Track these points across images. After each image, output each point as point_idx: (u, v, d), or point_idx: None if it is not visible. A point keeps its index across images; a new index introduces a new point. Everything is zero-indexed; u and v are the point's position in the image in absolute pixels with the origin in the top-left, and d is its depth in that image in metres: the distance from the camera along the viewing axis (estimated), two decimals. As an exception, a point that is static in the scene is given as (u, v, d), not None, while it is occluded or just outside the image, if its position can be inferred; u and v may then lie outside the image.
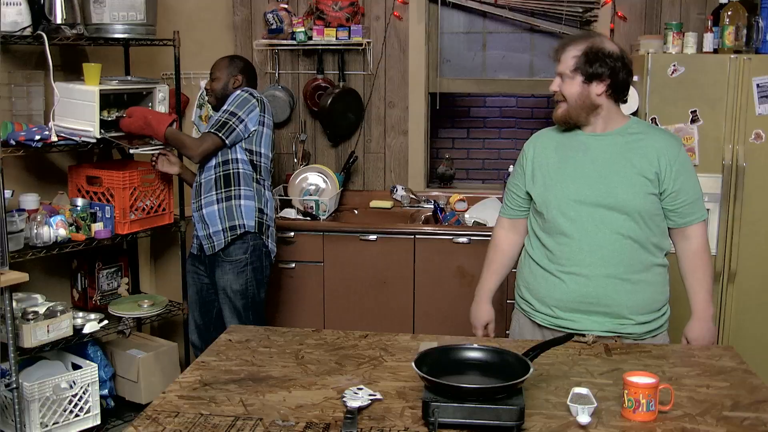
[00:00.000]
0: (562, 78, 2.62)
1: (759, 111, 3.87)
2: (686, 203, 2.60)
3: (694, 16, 4.54)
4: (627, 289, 2.58)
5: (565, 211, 2.62)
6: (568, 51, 2.60)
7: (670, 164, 2.56)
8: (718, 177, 3.92)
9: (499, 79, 5.04)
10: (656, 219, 2.60)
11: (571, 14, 4.67)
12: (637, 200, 2.55)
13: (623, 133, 2.62)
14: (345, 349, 2.49)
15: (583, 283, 2.59)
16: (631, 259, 2.58)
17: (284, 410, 2.04)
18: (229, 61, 3.78)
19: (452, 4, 4.80)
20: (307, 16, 4.77)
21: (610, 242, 2.57)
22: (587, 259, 2.59)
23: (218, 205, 3.59)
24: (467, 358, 2.12)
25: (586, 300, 2.60)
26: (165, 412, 2.03)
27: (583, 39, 2.61)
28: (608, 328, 2.61)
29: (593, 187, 2.59)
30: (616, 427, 1.94)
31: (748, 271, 3.98)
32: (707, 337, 2.67)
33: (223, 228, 3.59)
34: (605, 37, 2.67)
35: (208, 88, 3.77)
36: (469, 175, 5.54)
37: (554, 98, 2.68)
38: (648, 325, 2.63)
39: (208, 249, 3.63)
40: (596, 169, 2.60)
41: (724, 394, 2.15)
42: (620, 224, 2.57)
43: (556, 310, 2.65)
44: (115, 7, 3.67)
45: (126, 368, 4.06)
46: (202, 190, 3.63)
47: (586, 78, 2.57)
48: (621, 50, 2.62)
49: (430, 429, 1.88)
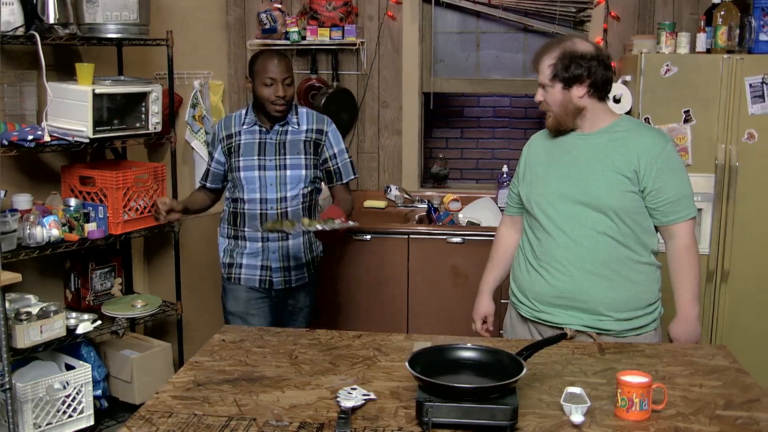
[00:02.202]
0: (544, 88, 2.63)
1: (752, 111, 3.88)
2: (668, 201, 2.59)
3: (687, 16, 4.56)
4: (604, 286, 2.59)
5: (545, 208, 2.66)
6: (543, 61, 2.61)
7: (650, 162, 2.55)
8: (711, 176, 3.93)
9: (493, 79, 5.05)
10: (637, 217, 2.60)
11: (565, 14, 4.68)
12: (612, 198, 2.56)
13: (608, 131, 2.63)
14: (339, 349, 2.49)
15: (560, 278, 2.62)
16: (608, 256, 2.59)
17: (278, 410, 2.03)
18: (289, 61, 3.35)
19: (446, 4, 4.80)
20: (301, 16, 4.77)
21: (586, 239, 2.59)
22: (564, 254, 2.61)
23: (303, 237, 3.41)
24: (461, 358, 2.12)
25: (563, 295, 2.62)
26: (158, 413, 2.03)
27: (555, 46, 2.61)
28: (586, 323, 2.62)
29: (572, 185, 2.61)
30: (609, 426, 1.95)
31: (741, 270, 4.00)
32: (690, 337, 2.67)
33: (306, 261, 3.44)
34: (578, 38, 2.64)
35: (282, 95, 3.23)
36: (462, 174, 5.55)
37: (540, 108, 2.70)
38: (629, 323, 2.63)
39: (281, 283, 3.41)
40: (577, 168, 2.62)
41: (717, 393, 2.15)
42: (597, 221, 2.58)
43: (536, 304, 2.69)
44: (108, 6, 3.66)
45: (119, 369, 4.05)
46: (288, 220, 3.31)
47: (565, 84, 2.57)
48: (596, 48, 2.61)
49: (424, 429, 1.89)
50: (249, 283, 3.40)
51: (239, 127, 3.36)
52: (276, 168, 3.30)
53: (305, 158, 3.33)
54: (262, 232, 3.27)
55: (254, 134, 3.34)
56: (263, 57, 3.29)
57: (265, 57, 3.28)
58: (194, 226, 4.51)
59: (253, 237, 3.37)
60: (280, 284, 3.40)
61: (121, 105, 3.73)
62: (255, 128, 3.34)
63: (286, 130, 3.33)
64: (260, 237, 3.35)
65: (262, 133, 3.33)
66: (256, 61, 3.30)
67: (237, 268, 3.41)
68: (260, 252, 3.37)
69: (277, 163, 3.30)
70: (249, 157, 3.31)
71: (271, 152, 3.31)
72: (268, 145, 3.31)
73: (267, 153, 3.31)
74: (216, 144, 3.43)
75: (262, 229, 3.24)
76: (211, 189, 3.53)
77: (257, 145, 3.32)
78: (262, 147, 3.32)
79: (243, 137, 3.34)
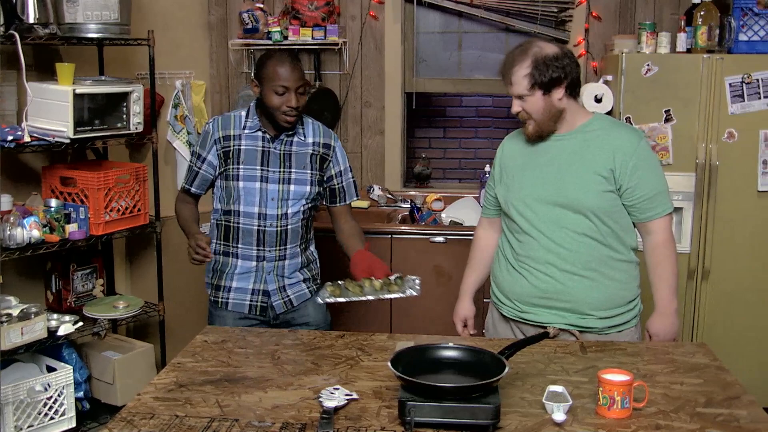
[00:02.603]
0: (521, 98, 2.58)
1: (731, 110, 3.91)
2: (645, 198, 2.60)
3: (667, 16, 4.58)
4: (586, 285, 2.61)
5: (522, 211, 2.66)
6: (516, 72, 2.55)
7: (625, 160, 2.56)
8: (692, 175, 3.96)
9: (475, 78, 5.06)
10: (615, 216, 2.62)
11: (546, 14, 4.70)
12: (590, 199, 2.57)
13: (583, 131, 2.64)
14: (321, 349, 2.49)
15: (542, 279, 2.63)
16: (589, 255, 2.60)
17: (260, 411, 2.03)
18: (302, 66, 3.03)
19: (428, 3, 4.81)
20: (283, 16, 4.76)
21: (566, 240, 2.60)
22: (545, 257, 2.62)
23: (301, 257, 3.14)
24: (443, 358, 2.13)
25: (545, 296, 2.63)
26: (140, 414, 2.02)
27: (524, 54, 2.55)
28: (569, 322, 2.64)
29: (548, 186, 2.61)
30: (590, 424, 1.95)
31: (721, 268, 4.02)
32: (669, 332, 2.69)
33: (305, 278, 3.16)
34: (541, 42, 2.61)
35: (295, 105, 2.91)
36: (445, 174, 5.55)
37: (519, 117, 2.64)
38: (611, 320, 2.65)
39: (282, 306, 3.10)
40: (553, 169, 2.62)
41: (698, 391, 2.17)
42: (576, 222, 2.59)
43: (518, 304, 2.70)
44: (88, 6, 3.64)
45: (101, 370, 4.03)
46: (287, 238, 3.06)
47: (545, 89, 2.55)
48: (560, 47, 2.60)
49: (407, 428, 1.89)
50: (237, 308, 3.07)
51: (239, 130, 3.02)
52: (279, 181, 3.00)
53: (311, 173, 3.05)
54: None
55: (256, 141, 3.01)
56: (274, 61, 2.92)
57: (276, 61, 2.92)
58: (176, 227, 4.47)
59: (246, 255, 3.04)
60: (281, 307, 3.08)
61: (102, 105, 3.71)
62: (258, 134, 3.01)
63: (291, 141, 3.03)
64: (255, 256, 3.03)
65: (266, 141, 3.01)
66: (266, 64, 2.94)
67: (225, 291, 3.08)
68: (253, 272, 3.05)
69: (281, 176, 3.00)
70: (250, 166, 2.99)
71: (275, 163, 3.00)
72: (272, 156, 3.00)
73: (270, 164, 3.00)
74: (209, 144, 3.05)
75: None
76: (194, 195, 3.20)
77: (260, 153, 3.00)
78: (265, 156, 3.00)
79: (243, 142, 3.01)
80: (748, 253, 4.01)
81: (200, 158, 3.09)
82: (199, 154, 3.09)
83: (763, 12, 3.92)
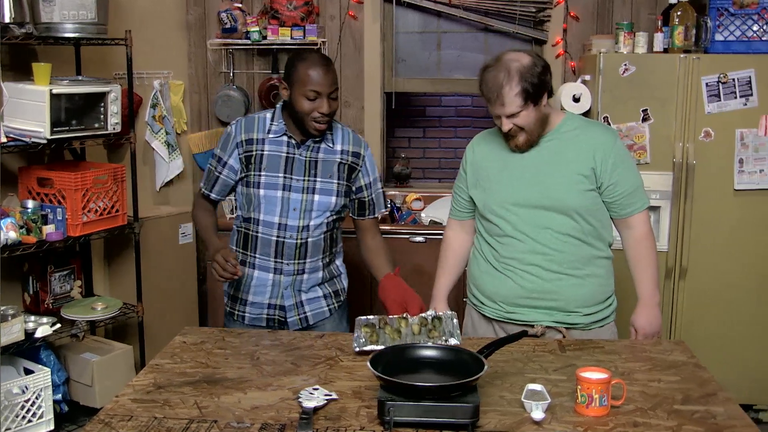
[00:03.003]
0: (513, 116, 2.55)
1: (708, 109, 3.94)
2: (625, 194, 2.64)
3: (644, 16, 4.61)
4: (572, 284, 2.63)
5: (504, 215, 2.65)
6: (507, 92, 2.50)
7: (605, 158, 2.59)
8: (669, 174, 3.98)
9: (454, 78, 5.07)
10: (597, 213, 2.64)
11: (525, 14, 4.72)
12: (574, 199, 2.59)
13: (559, 132, 2.65)
14: (301, 350, 2.49)
15: (529, 279, 2.63)
16: (574, 255, 2.62)
17: (239, 412, 2.02)
18: (335, 69, 2.82)
19: (407, 3, 4.81)
20: (262, 15, 4.75)
21: (552, 241, 2.61)
22: (530, 258, 2.62)
23: (323, 272, 2.95)
24: (422, 357, 2.13)
25: (531, 296, 2.64)
26: (118, 416, 2.01)
27: (508, 72, 2.50)
28: (556, 320, 2.66)
29: (530, 189, 2.62)
30: (569, 422, 1.96)
31: (698, 267, 4.06)
32: (654, 324, 2.72)
33: (325, 294, 2.98)
34: (511, 54, 2.57)
35: (327, 112, 2.73)
36: (425, 174, 5.57)
37: (511, 133, 2.59)
38: (594, 316, 2.68)
39: (297, 322, 2.93)
40: (533, 171, 2.63)
41: (675, 388, 2.18)
42: (560, 223, 2.60)
43: (503, 305, 2.70)
44: (65, 5, 3.62)
45: (80, 372, 4.00)
46: (307, 252, 2.88)
47: (536, 102, 2.54)
48: (531, 54, 2.59)
49: (386, 428, 1.89)
50: (255, 323, 2.93)
51: (263, 134, 2.83)
52: (303, 191, 2.81)
53: (337, 183, 2.86)
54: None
55: (281, 146, 2.82)
56: (307, 64, 2.71)
57: (309, 64, 2.71)
58: (154, 227, 4.47)
59: (263, 266, 2.87)
60: (296, 324, 2.91)
61: (80, 105, 3.69)
62: (283, 139, 2.82)
63: (318, 147, 2.83)
64: (272, 268, 2.86)
65: (291, 147, 2.82)
66: (297, 66, 2.73)
67: (241, 304, 2.93)
68: (269, 286, 2.88)
69: (305, 185, 2.82)
70: (273, 173, 2.81)
71: (299, 171, 2.81)
72: (297, 162, 2.81)
73: (294, 171, 2.81)
74: (230, 147, 2.86)
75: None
76: (213, 201, 3.00)
77: (284, 160, 2.81)
78: (289, 163, 2.81)
79: (267, 147, 2.82)
80: (725, 252, 4.04)
81: (221, 162, 2.89)
82: (220, 158, 2.89)
83: (739, 12, 3.96)
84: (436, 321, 2.49)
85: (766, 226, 4.01)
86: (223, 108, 4.85)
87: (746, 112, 3.93)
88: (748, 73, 3.91)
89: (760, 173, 3.96)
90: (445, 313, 2.52)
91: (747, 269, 4.05)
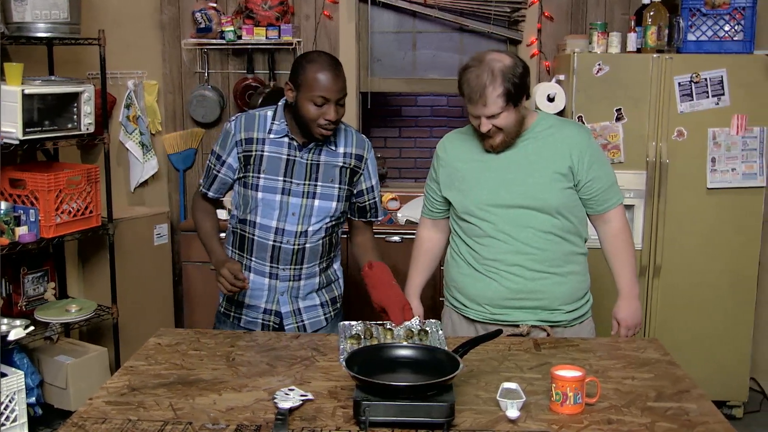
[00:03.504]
0: (493, 117, 2.55)
1: (681, 109, 3.98)
2: (602, 190, 2.66)
3: (618, 17, 4.64)
4: (555, 282, 2.64)
5: (485, 216, 2.65)
6: (489, 93, 2.51)
7: (581, 156, 2.61)
8: (643, 173, 4.01)
9: (430, 78, 5.07)
10: (575, 210, 2.66)
11: (499, 14, 4.73)
12: (554, 198, 2.60)
13: (535, 131, 2.66)
14: (276, 350, 2.48)
15: (513, 280, 2.63)
16: (555, 252, 2.64)
17: (214, 413, 2.02)
18: (344, 74, 2.68)
19: (382, 3, 4.81)
20: (236, 15, 4.73)
21: (533, 240, 2.62)
22: (513, 258, 2.63)
23: (319, 277, 2.89)
24: (398, 356, 2.13)
25: (517, 296, 2.65)
26: (92, 419, 1.99)
27: (491, 73, 2.51)
28: (541, 318, 2.67)
29: (510, 189, 2.62)
30: (544, 420, 1.97)
31: (672, 265, 4.09)
32: (635, 316, 2.75)
33: (322, 301, 2.91)
34: (493, 54, 2.58)
35: (334, 119, 2.62)
36: (401, 174, 5.57)
37: (490, 133, 2.59)
38: (575, 312, 2.71)
39: (294, 329, 2.85)
40: (512, 172, 2.63)
41: (649, 385, 2.20)
42: (541, 222, 2.61)
43: (488, 308, 2.69)
44: (37, 5, 3.59)
45: (54, 375, 3.97)
46: (304, 258, 2.81)
47: (516, 103, 2.55)
48: (512, 55, 2.60)
49: (362, 428, 1.89)
50: (250, 326, 2.85)
51: (263, 134, 2.73)
52: (303, 195, 2.73)
53: (339, 188, 2.77)
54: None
55: (282, 148, 2.72)
56: (316, 67, 2.60)
57: (318, 68, 2.60)
58: (129, 229, 4.44)
59: (258, 270, 2.80)
60: (294, 331, 2.82)
61: (52, 106, 3.66)
62: (284, 141, 2.72)
63: (320, 150, 2.74)
64: (267, 272, 2.79)
65: (292, 149, 2.72)
66: (305, 69, 2.61)
67: (238, 307, 2.86)
68: (265, 290, 2.81)
69: (305, 189, 2.73)
70: (272, 176, 2.72)
71: (300, 175, 2.73)
72: (297, 165, 2.72)
73: (295, 175, 2.72)
74: (230, 145, 2.76)
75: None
76: (211, 199, 2.92)
77: (284, 162, 2.72)
78: (289, 166, 2.72)
79: (267, 148, 2.73)
80: (699, 250, 4.08)
81: (220, 160, 2.80)
82: (219, 155, 2.80)
83: (711, 12, 4.00)
84: (422, 333, 2.43)
85: (738, 224, 4.06)
86: (198, 108, 4.83)
87: (718, 111, 3.98)
88: (720, 73, 3.95)
89: (732, 172, 4.01)
90: (429, 322, 2.47)
91: (720, 267, 4.09)
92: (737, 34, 4.01)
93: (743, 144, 3.99)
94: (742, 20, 4.00)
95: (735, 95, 3.95)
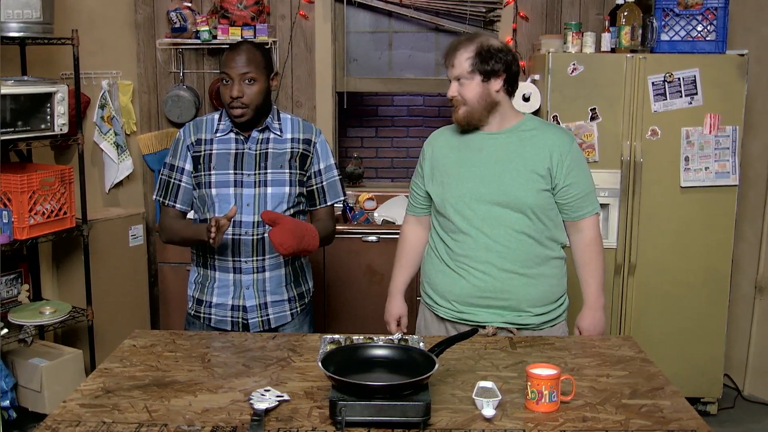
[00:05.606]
0: (459, 81, 2.63)
1: (654, 108, 4.01)
2: (578, 197, 2.67)
3: (592, 17, 4.67)
4: (524, 283, 2.65)
5: (461, 210, 2.67)
6: (460, 54, 2.61)
7: (561, 159, 2.62)
8: (617, 172, 4.04)
9: (406, 78, 5.08)
10: (550, 214, 2.67)
11: (475, 14, 4.75)
12: (530, 197, 2.61)
13: (517, 130, 2.68)
14: (252, 351, 2.47)
15: (481, 278, 2.65)
16: (527, 254, 2.64)
17: (190, 415, 2.01)
18: (262, 54, 2.77)
19: (358, 3, 4.81)
20: (212, 15, 4.71)
21: (505, 239, 2.63)
22: (484, 255, 2.64)
23: (285, 269, 2.88)
24: (374, 356, 2.13)
25: (484, 295, 2.66)
26: (66, 422, 1.98)
27: (472, 40, 2.63)
28: (507, 320, 2.67)
29: (487, 185, 2.64)
30: (519, 418, 1.98)
31: (647, 263, 4.12)
32: (598, 326, 2.76)
33: (289, 297, 2.90)
34: (489, 35, 2.70)
35: (235, 95, 2.68)
36: (378, 173, 5.58)
37: (453, 102, 2.67)
38: (545, 316, 2.71)
39: (258, 324, 2.85)
40: (490, 168, 2.65)
41: (623, 383, 2.22)
42: (515, 221, 2.63)
43: (456, 305, 2.71)
44: (9, 4, 3.56)
45: (28, 378, 3.93)
46: (264, 248, 2.80)
47: (485, 76, 2.59)
48: (506, 45, 2.68)
49: (338, 428, 1.89)
50: (221, 325, 2.84)
51: (211, 134, 2.80)
52: (255, 185, 2.76)
53: (290, 173, 2.80)
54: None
55: (229, 143, 2.79)
56: (227, 50, 2.77)
57: (228, 50, 2.76)
58: (104, 230, 4.41)
59: (223, 267, 2.81)
60: (258, 326, 2.83)
61: (25, 106, 3.63)
62: (230, 136, 2.79)
63: (267, 138, 2.80)
64: (231, 267, 2.80)
65: (239, 143, 2.78)
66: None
67: (206, 307, 2.85)
68: (231, 286, 2.81)
69: (256, 179, 2.76)
70: (223, 171, 2.76)
71: (249, 166, 2.76)
72: (246, 157, 2.77)
73: (245, 166, 2.76)
74: (182, 152, 2.81)
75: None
76: (182, 211, 2.88)
77: (233, 156, 2.77)
78: (238, 159, 2.77)
79: (216, 146, 2.78)
80: (672, 248, 4.11)
81: (175, 169, 2.83)
82: (173, 165, 2.83)
83: (684, 12, 4.03)
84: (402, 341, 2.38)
85: (711, 222, 4.10)
86: (174, 108, 4.80)
87: (692, 110, 4.01)
88: (693, 73, 3.98)
89: (705, 171, 4.04)
90: (412, 338, 2.42)
91: (693, 265, 4.13)
92: (710, 34, 4.05)
93: (716, 143, 4.03)
94: (714, 20, 4.03)
95: (708, 95, 3.99)
